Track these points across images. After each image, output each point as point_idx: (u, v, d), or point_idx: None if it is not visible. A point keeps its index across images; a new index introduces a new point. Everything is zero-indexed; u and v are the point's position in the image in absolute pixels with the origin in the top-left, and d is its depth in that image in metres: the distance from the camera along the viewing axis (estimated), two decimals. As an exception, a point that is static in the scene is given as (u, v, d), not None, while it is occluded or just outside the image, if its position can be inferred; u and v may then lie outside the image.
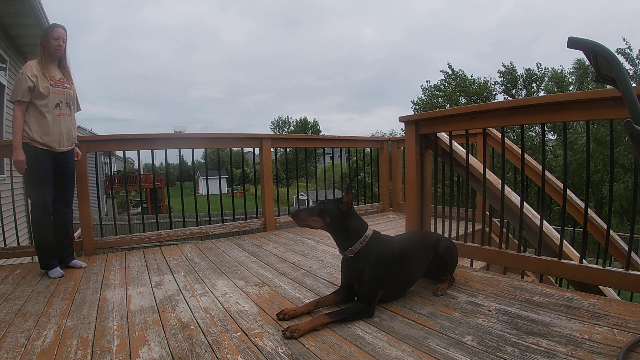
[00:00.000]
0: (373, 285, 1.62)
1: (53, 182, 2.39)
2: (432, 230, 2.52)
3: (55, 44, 2.34)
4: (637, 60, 15.84)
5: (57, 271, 2.36)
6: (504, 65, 20.49)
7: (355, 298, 1.68)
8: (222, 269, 2.41)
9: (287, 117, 52.32)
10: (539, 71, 20.12)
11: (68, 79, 2.46)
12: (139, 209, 18.87)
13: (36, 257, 3.50)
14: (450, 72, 21.31)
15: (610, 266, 1.88)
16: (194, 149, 3.59)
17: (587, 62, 1.14)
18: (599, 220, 2.74)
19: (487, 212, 3.24)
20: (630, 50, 15.80)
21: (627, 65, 15.75)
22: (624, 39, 15.92)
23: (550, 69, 19.77)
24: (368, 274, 1.61)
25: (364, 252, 1.64)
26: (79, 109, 2.58)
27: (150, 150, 3.31)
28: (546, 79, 19.76)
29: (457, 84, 21.06)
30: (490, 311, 1.58)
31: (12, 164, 3.59)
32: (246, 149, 3.99)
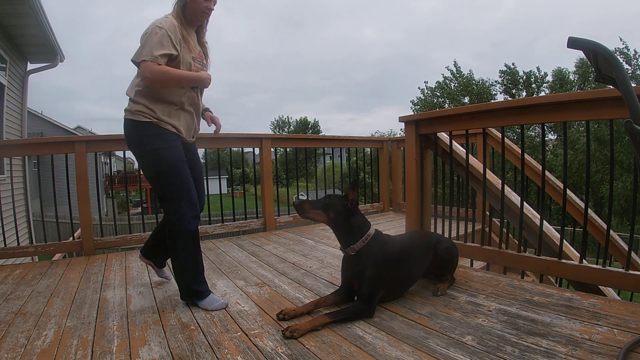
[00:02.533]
0: (373, 285, 1.61)
1: None
2: (432, 230, 2.52)
3: (205, 5, 1.72)
4: (634, 60, 16.02)
5: (217, 300, 1.74)
6: (506, 66, 20.54)
7: (355, 298, 1.68)
8: (222, 269, 2.41)
9: (287, 117, 52.27)
10: (539, 74, 20.23)
11: (206, 56, 1.87)
12: (139, 209, 18.87)
13: (37, 257, 3.47)
14: (454, 71, 21.30)
15: (610, 266, 1.89)
16: (194, 149, 3.59)
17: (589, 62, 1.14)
18: (599, 220, 2.74)
19: (487, 212, 3.24)
20: (628, 50, 15.97)
21: (625, 65, 15.84)
22: (621, 39, 16.12)
23: (553, 70, 19.90)
24: (369, 273, 1.61)
25: (366, 251, 1.64)
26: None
27: (150, 150, 3.31)
28: (550, 78, 19.86)
29: (459, 83, 21.05)
30: (490, 311, 1.58)
31: (12, 163, 3.60)
32: (246, 149, 3.99)
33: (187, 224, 1.69)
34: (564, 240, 1.97)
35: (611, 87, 1.15)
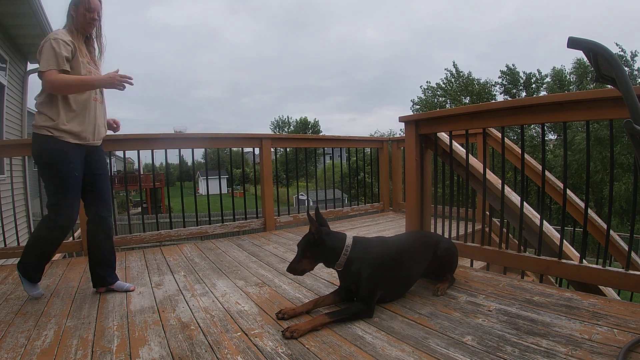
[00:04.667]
0: (371, 285, 1.62)
1: (86, 183, 1.97)
2: (432, 230, 2.52)
3: (89, 16, 1.90)
4: (631, 62, 16.30)
5: (38, 290, 1.96)
6: (507, 66, 20.61)
7: (355, 299, 1.68)
8: (222, 269, 2.41)
9: (287, 117, 52.31)
10: (539, 75, 20.33)
11: (94, 61, 2.02)
12: (139, 209, 18.87)
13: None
14: (454, 71, 21.35)
15: (610, 266, 1.88)
16: (194, 149, 3.59)
17: (587, 62, 1.14)
18: (599, 220, 2.74)
19: (487, 212, 3.24)
20: (625, 52, 16.28)
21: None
22: (617, 44, 16.45)
23: (551, 69, 19.97)
24: (365, 275, 1.61)
25: (352, 259, 1.65)
26: None
27: (150, 150, 3.31)
28: (548, 78, 19.93)
29: (459, 83, 21.09)
30: (490, 311, 1.58)
31: (12, 163, 3.60)
32: (246, 149, 3.99)
33: (53, 227, 1.88)
34: (564, 240, 1.97)
35: (611, 87, 1.15)
